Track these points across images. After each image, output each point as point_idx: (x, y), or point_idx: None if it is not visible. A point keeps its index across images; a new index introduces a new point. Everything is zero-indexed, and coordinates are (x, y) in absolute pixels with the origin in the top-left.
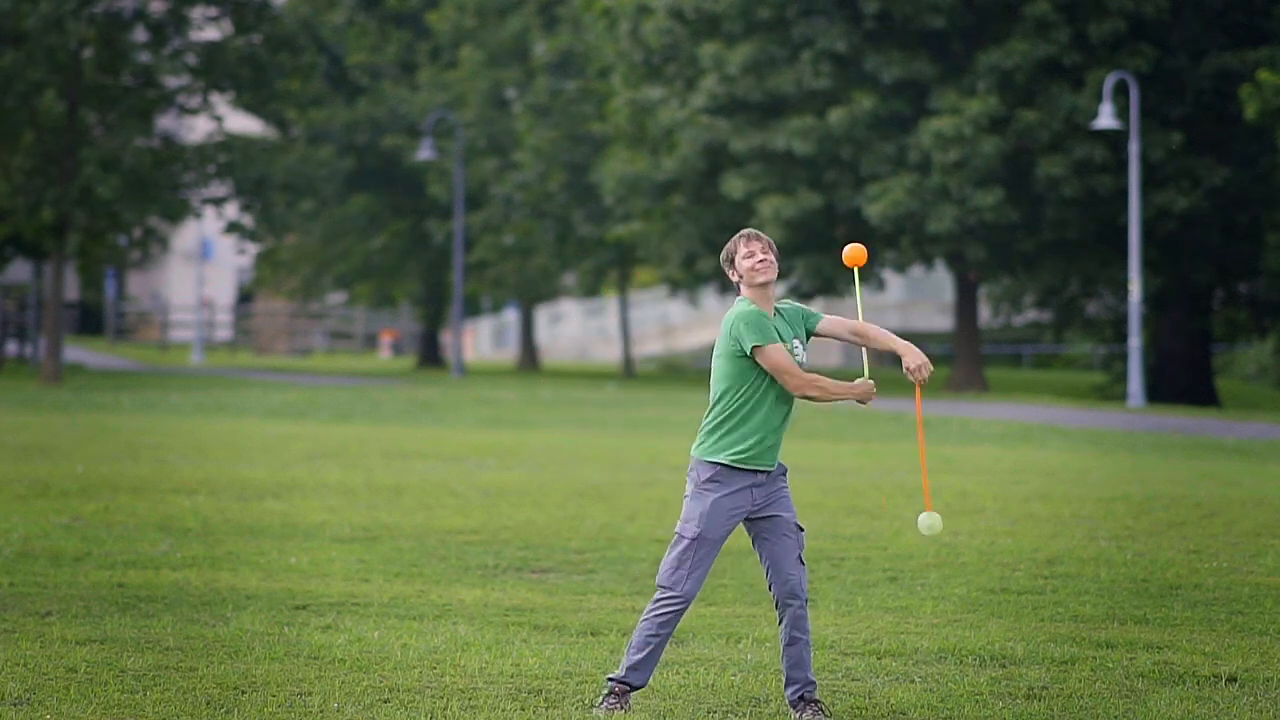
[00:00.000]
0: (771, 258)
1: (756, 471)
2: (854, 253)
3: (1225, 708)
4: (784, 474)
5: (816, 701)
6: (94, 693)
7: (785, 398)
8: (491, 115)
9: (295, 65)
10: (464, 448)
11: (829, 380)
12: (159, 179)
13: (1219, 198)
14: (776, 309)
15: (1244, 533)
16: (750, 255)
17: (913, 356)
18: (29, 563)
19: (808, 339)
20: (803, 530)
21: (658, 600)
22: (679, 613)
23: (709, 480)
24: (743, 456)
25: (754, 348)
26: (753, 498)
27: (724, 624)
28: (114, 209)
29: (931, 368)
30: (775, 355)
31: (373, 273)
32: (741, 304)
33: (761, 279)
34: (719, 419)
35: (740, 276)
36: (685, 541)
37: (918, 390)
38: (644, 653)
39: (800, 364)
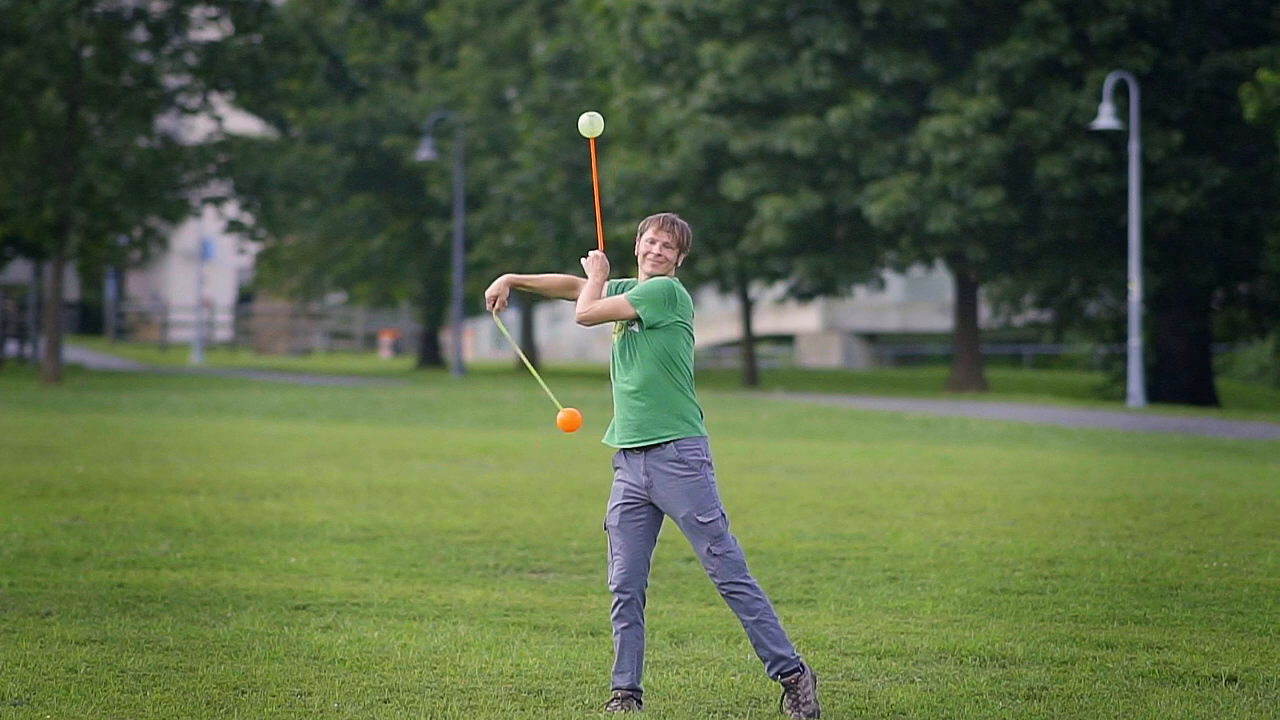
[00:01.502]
0: (669, 255)
1: (622, 451)
2: (569, 419)
3: (1225, 708)
4: (680, 462)
5: (794, 673)
6: (94, 693)
7: (619, 370)
8: (491, 115)
9: (295, 65)
10: (464, 448)
11: (593, 289)
12: (159, 179)
13: (1219, 198)
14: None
15: (1244, 533)
16: (651, 242)
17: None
18: (29, 563)
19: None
20: (707, 523)
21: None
22: (619, 605)
23: (615, 467)
24: (610, 432)
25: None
26: (640, 477)
27: (724, 624)
28: (114, 208)
29: (498, 295)
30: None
31: (373, 273)
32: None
33: (646, 268)
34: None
35: (639, 253)
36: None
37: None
38: (618, 653)
39: (627, 333)
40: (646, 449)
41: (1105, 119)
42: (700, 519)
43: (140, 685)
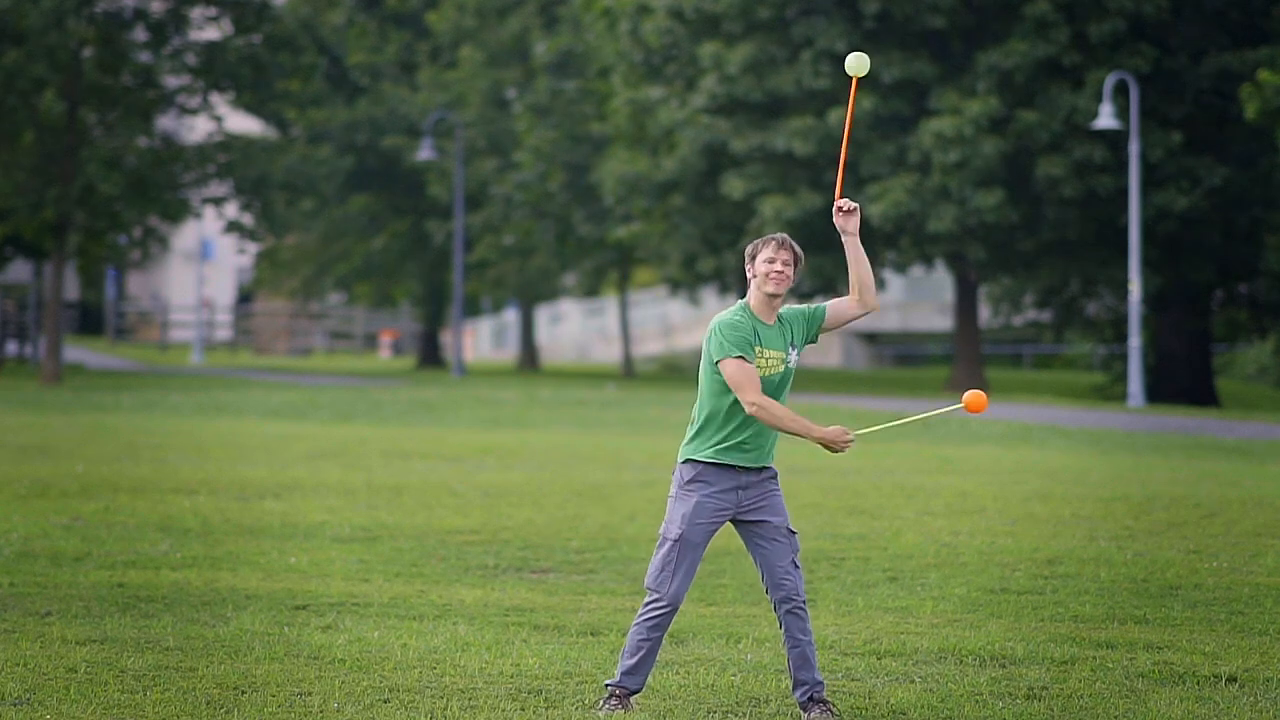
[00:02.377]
0: (790, 271)
1: (740, 469)
2: (974, 399)
3: (1225, 708)
4: (774, 478)
5: (825, 701)
6: (94, 693)
7: (774, 396)
8: (491, 115)
9: (295, 65)
10: (464, 448)
11: (783, 410)
12: (159, 179)
13: (1219, 198)
14: (782, 318)
15: (1244, 533)
16: (771, 262)
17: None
18: (29, 563)
19: (815, 337)
20: (795, 534)
21: (646, 604)
22: (667, 615)
23: (692, 481)
24: (724, 450)
25: (717, 361)
26: (737, 499)
27: (724, 624)
28: (114, 208)
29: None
30: (729, 368)
31: (373, 273)
32: (730, 311)
33: (770, 288)
34: (702, 422)
35: (754, 276)
36: (668, 544)
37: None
38: (636, 657)
39: (787, 369)
40: (763, 468)
41: (1105, 119)
42: (791, 529)
43: (140, 685)
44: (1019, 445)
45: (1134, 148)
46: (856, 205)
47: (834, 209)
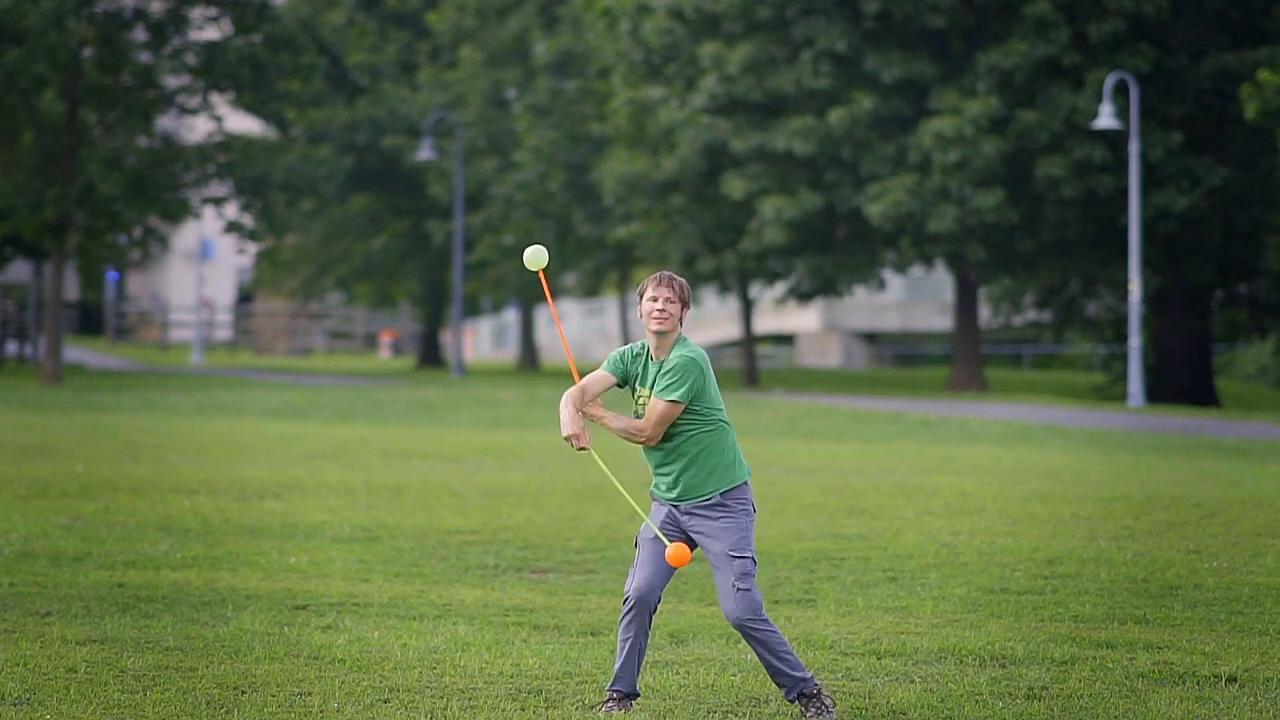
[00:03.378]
0: (672, 310)
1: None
2: (677, 553)
3: (1225, 708)
4: (718, 506)
5: (816, 695)
6: (94, 693)
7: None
8: (491, 115)
9: (295, 65)
10: (464, 448)
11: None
12: (159, 179)
13: (1219, 198)
14: (667, 360)
15: (1244, 533)
16: (654, 300)
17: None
18: (29, 563)
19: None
20: (741, 558)
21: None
22: (631, 613)
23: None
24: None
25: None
26: (676, 519)
27: (724, 624)
28: (114, 208)
29: (581, 442)
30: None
31: (373, 273)
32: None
33: (653, 326)
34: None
35: (641, 316)
36: (636, 545)
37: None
38: (621, 658)
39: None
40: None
41: (1105, 119)
42: (732, 554)
43: (140, 685)
44: (1019, 445)
45: (1134, 148)
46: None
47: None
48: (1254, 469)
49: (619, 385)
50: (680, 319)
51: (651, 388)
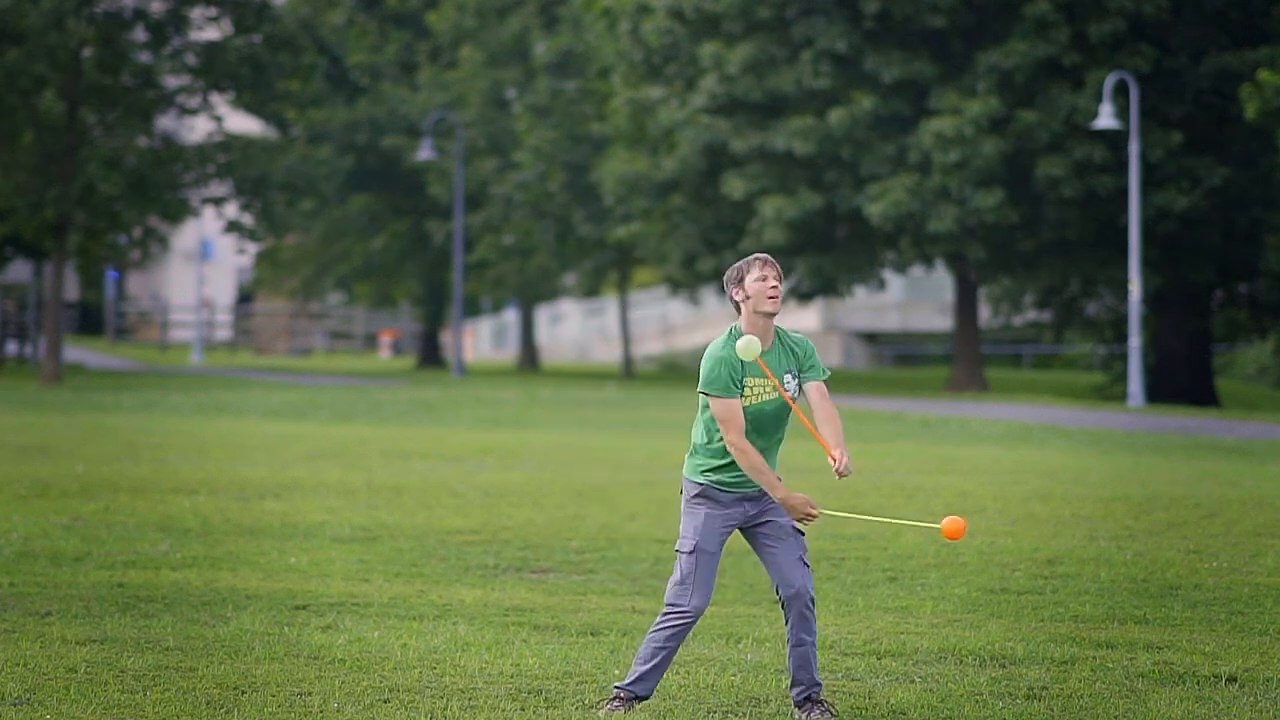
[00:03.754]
0: (782, 288)
1: (743, 493)
2: (953, 526)
3: (1225, 708)
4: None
5: (822, 702)
6: (94, 693)
7: (770, 426)
8: (491, 115)
9: (295, 65)
10: (464, 448)
11: (759, 461)
12: (159, 179)
13: (1219, 198)
14: (785, 339)
15: (1244, 533)
16: (763, 280)
17: (842, 453)
18: (29, 563)
19: (800, 381)
20: (802, 534)
21: (666, 614)
22: (687, 626)
23: (697, 496)
24: (726, 481)
25: (701, 391)
26: (744, 510)
27: (724, 624)
28: (114, 208)
29: (851, 468)
30: (715, 406)
31: (373, 273)
32: (723, 340)
33: (769, 308)
34: (703, 440)
35: (747, 297)
36: (684, 557)
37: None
38: (650, 664)
39: (792, 396)
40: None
41: (1105, 119)
42: (797, 528)
43: (140, 685)
44: (1019, 445)
45: (1134, 148)
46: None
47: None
48: (1254, 469)
49: None
50: None
51: (787, 373)
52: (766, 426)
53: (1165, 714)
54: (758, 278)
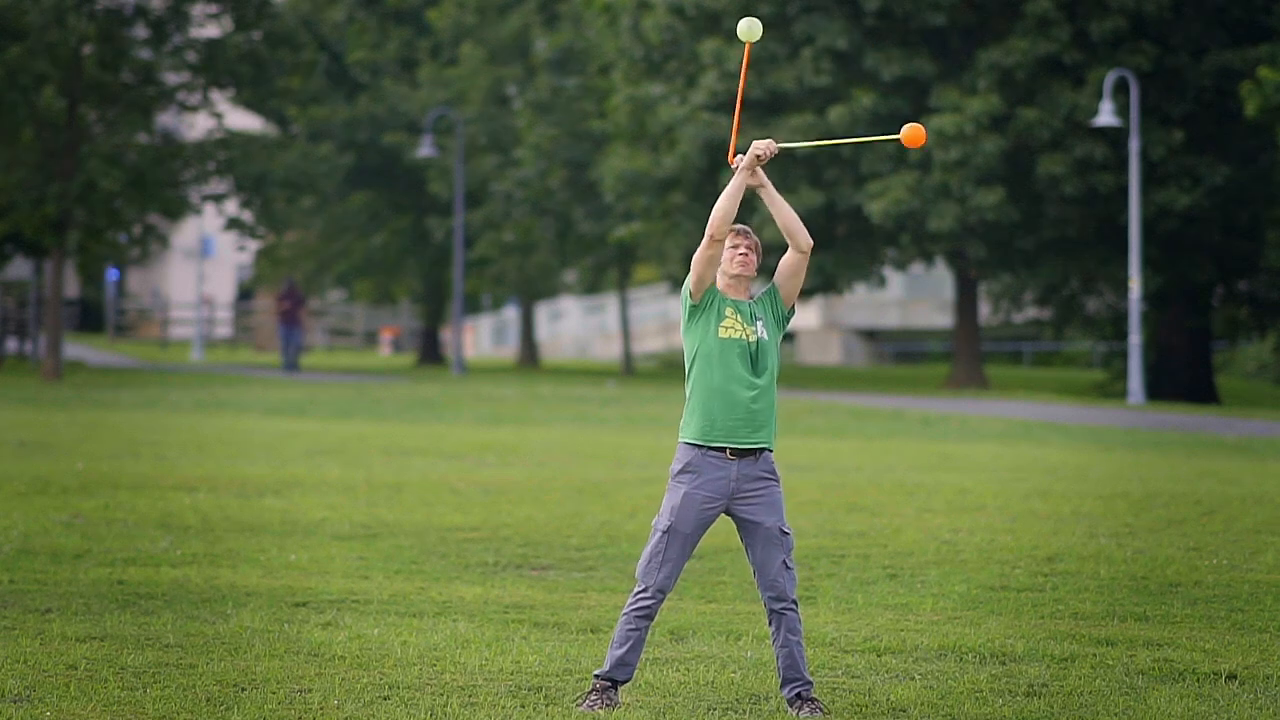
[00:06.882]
0: (753, 256)
1: (725, 451)
2: (912, 134)
3: (1225, 705)
4: (771, 473)
5: (813, 700)
6: (94, 690)
7: (742, 365)
8: (492, 112)
9: (295, 62)
10: (464, 445)
11: (721, 200)
12: (159, 176)
13: (1219, 195)
14: (760, 296)
15: (1244, 530)
16: (734, 247)
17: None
18: (29, 560)
19: (788, 311)
20: (789, 534)
21: (634, 593)
22: (652, 606)
23: (681, 471)
24: (704, 431)
25: (687, 285)
26: (728, 488)
27: (724, 621)
28: (115, 205)
29: (771, 147)
30: (695, 258)
31: (373, 270)
32: None
33: (735, 269)
34: (688, 398)
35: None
36: (657, 534)
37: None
38: (625, 647)
39: (760, 340)
40: (746, 453)
41: (1106, 117)
42: (784, 530)
43: (140, 682)
44: (1019, 442)
45: (1134, 145)
46: (769, 148)
47: (732, 159)
48: (1254, 466)
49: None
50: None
51: (755, 319)
52: (745, 364)
53: (1165, 711)
54: (730, 244)
